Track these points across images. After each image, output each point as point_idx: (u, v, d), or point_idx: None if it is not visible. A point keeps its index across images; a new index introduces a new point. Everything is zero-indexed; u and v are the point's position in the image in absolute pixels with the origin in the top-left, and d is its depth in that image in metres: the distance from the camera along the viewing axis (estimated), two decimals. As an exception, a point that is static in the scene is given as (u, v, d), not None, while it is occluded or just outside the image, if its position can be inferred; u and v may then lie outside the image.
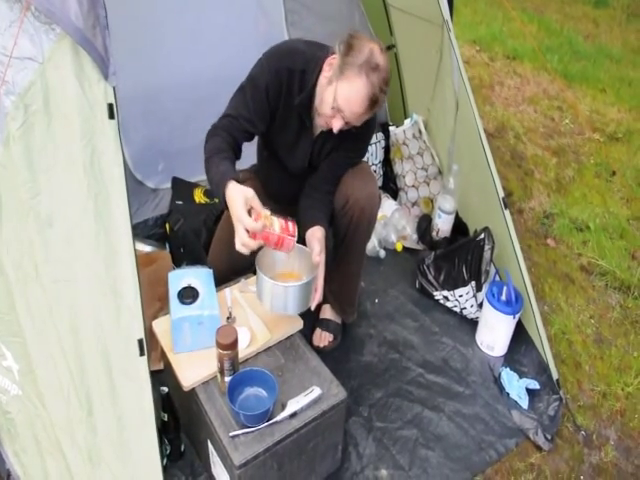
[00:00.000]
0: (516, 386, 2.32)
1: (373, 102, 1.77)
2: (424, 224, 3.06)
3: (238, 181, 1.74)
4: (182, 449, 2.04)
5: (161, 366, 2.14)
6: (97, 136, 1.44)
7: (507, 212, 2.33)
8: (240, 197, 1.68)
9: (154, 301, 2.35)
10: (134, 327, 1.53)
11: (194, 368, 1.85)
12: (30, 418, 1.70)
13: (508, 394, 2.32)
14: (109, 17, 2.58)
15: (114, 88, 1.43)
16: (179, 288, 1.92)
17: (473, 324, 2.60)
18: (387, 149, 3.36)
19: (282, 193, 2.26)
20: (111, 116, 1.44)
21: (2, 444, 1.83)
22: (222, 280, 2.14)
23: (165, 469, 1.82)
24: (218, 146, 1.89)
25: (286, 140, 2.07)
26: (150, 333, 1.97)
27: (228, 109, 1.98)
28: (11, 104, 1.40)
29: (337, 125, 1.85)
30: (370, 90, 1.74)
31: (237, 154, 1.97)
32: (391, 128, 3.31)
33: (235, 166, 1.89)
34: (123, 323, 1.53)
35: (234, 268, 2.20)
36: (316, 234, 1.98)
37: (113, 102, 1.43)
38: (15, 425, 1.74)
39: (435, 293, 2.72)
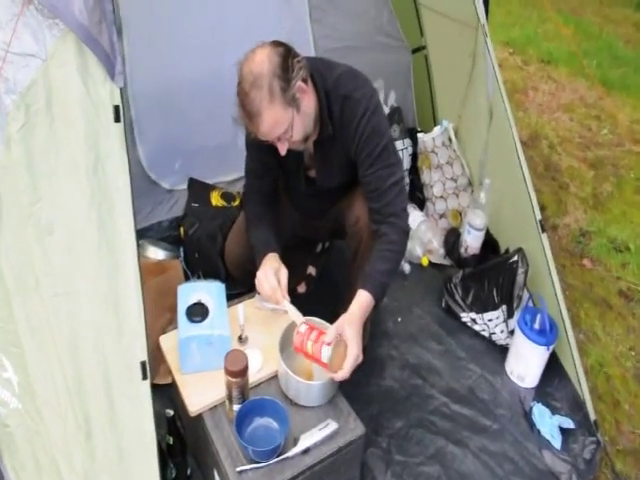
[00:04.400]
0: (548, 423, 2.22)
1: (249, 115, 1.76)
2: (452, 238, 2.99)
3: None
4: (188, 473, 1.99)
5: (169, 380, 2.10)
6: (101, 140, 1.41)
7: (544, 236, 2.25)
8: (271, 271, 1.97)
9: (164, 312, 2.30)
10: (137, 348, 1.49)
11: (202, 391, 1.81)
12: (29, 434, 1.66)
13: (539, 431, 2.22)
14: (126, 11, 2.54)
15: (121, 89, 1.40)
16: (188, 304, 1.88)
17: (503, 350, 2.51)
18: (414, 156, 3.30)
19: (307, 208, 2.34)
20: (117, 119, 1.40)
21: (2, 457, 1.78)
22: (238, 269, 2.34)
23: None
24: (253, 211, 2.19)
25: (288, 168, 2.14)
26: (158, 346, 1.96)
27: (245, 164, 2.21)
28: (12, 103, 1.38)
29: (281, 148, 1.87)
30: (241, 110, 1.78)
31: (275, 198, 2.26)
32: (419, 135, 3.24)
33: (273, 231, 2.14)
34: (125, 343, 1.49)
35: (251, 258, 2.17)
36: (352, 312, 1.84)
37: (119, 104, 1.40)
38: (14, 440, 1.70)
39: (462, 314, 2.64)
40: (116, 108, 1.39)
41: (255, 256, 2.07)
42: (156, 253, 2.65)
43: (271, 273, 1.94)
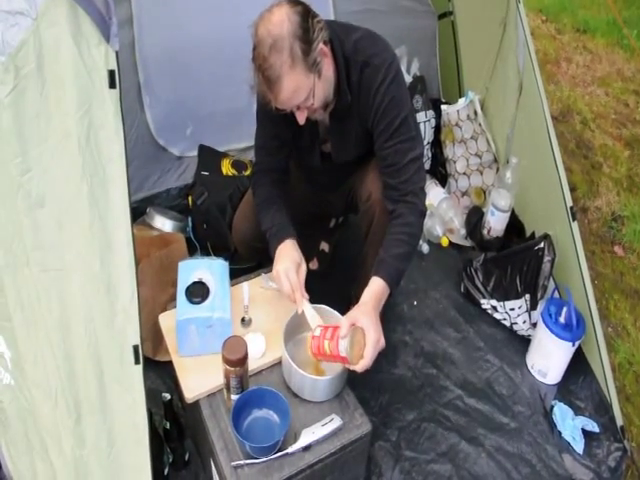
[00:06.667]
0: (570, 425, 2.16)
1: (268, 82, 1.66)
2: (474, 218, 2.94)
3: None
4: (186, 458, 2.00)
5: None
6: (95, 108, 1.36)
7: (575, 224, 2.18)
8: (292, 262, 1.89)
9: (167, 287, 2.29)
10: (129, 331, 1.47)
11: (199, 377, 1.78)
12: (22, 412, 1.66)
13: (560, 433, 2.16)
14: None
15: (117, 52, 1.35)
16: (188, 282, 1.85)
17: (524, 342, 2.45)
18: (437, 129, 3.25)
19: (322, 182, 2.29)
20: (112, 85, 1.36)
21: (-4, 432, 1.83)
22: (244, 245, 2.31)
23: (167, 478, 1.89)
24: (265, 193, 2.08)
25: (303, 142, 2.07)
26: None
27: (255, 140, 2.12)
28: (1, 65, 1.33)
29: (300, 117, 1.81)
30: (259, 76, 1.69)
31: (286, 178, 2.17)
32: (443, 106, 3.20)
33: (287, 215, 2.04)
34: (117, 325, 1.47)
35: (259, 236, 2.14)
36: (366, 299, 1.79)
37: (115, 68, 1.35)
38: (7, 416, 1.70)
39: (482, 301, 2.59)
40: (111, 73, 1.34)
41: (269, 241, 1.98)
42: (163, 223, 2.66)
43: (292, 269, 1.85)
